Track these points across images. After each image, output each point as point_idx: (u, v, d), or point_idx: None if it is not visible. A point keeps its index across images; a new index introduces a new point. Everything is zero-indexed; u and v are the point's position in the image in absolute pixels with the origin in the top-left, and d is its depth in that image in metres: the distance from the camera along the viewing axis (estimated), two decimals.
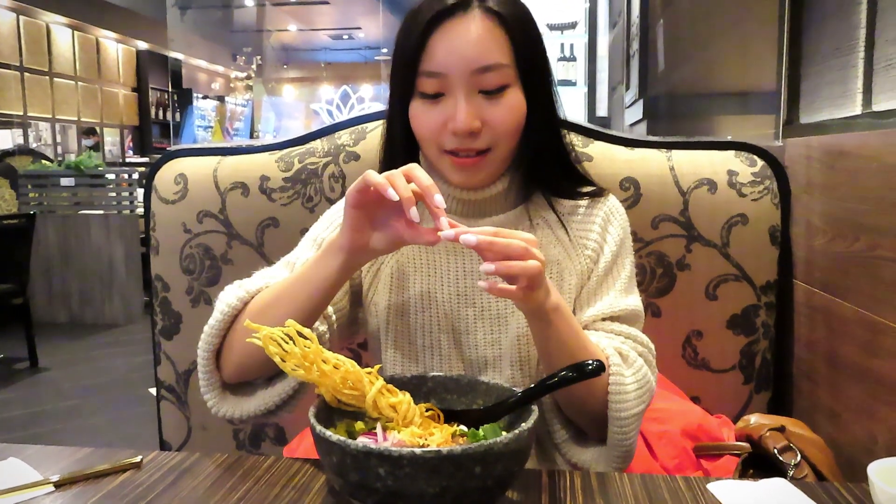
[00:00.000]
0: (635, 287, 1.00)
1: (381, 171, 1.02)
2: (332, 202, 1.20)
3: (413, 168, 0.79)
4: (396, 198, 0.75)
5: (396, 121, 0.95)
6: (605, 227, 0.99)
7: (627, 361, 0.89)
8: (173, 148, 1.32)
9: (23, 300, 4.09)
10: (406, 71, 0.90)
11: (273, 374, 0.89)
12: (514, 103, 0.90)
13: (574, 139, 1.18)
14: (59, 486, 0.71)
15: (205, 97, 12.31)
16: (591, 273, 0.97)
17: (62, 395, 3.72)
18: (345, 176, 1.21)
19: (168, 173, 1.27)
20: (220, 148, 1.30)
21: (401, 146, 0.96)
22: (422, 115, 0.91)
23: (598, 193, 1.01)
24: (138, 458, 0.76)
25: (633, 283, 0.99)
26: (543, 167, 0.98)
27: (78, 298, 5.20)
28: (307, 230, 1.21)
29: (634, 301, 0.97)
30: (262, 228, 1.23)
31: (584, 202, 1.00)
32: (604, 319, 0.95)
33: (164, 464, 0.77)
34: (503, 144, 0.91)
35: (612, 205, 1.01)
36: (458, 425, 0.71)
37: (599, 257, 0.98)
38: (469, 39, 0.86)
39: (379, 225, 0.83)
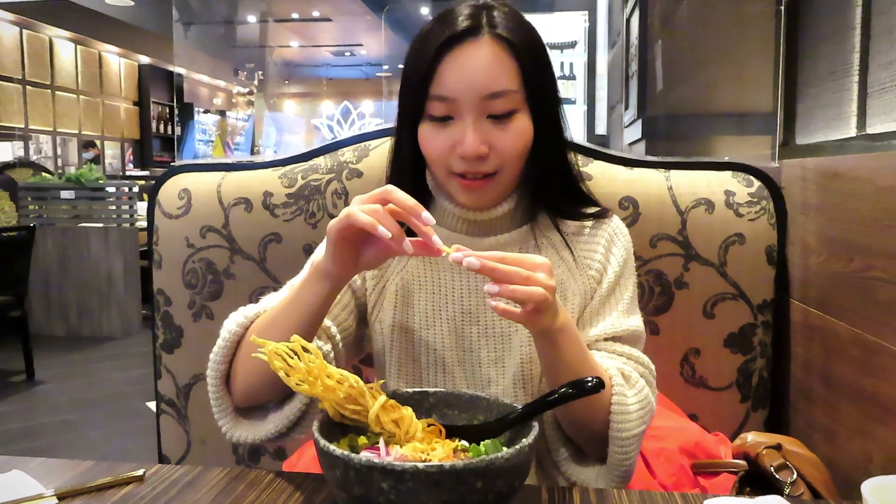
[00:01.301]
0: (637, 308, 1.01)
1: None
2: (334, 218, 1.21)
3: (391, 192, 0.79)
4: (389, 235, 0.76)
5: (405, 141, 0.96)
6: (609, 248, 1.00)
7: (630, 382, 0.90)
8: (178, 163, 1.33)
9: (21, 312, 4.09)
10: (415, 94, 0.91)
11: (284, 395, 0.89)
12: (521, 128, 0.91)
13: (574, 158, 1.19)
14: (61, 498, 0.72)
15: (206, 111, 12.35)
16: (595, 293, 0.98)
17: (59, 409, 3.71)
18: (347, 192, 1.22)
19: (172, 188, 1.28)
20: (224, 164, 1.31)
21: (409, 165, 0.97)
22: (431, 138, 0.92)
23: (603, 214, 1.02)
24: (141, 472, 0.77)
25: (635, 303, 1.00)
26: (549, 188, 0.99)
27: (76, 311, 5.20)
28: (310, 246, 1.23)
29: (636, 322, 0.98)
30: (265, 244, 1.24)
31: (588, 223, 1.02)
32: (606, 339, 0.96)
33: (167, 477, 0.78)
34: (510, 168, 0.92)
35: (616, 226, 1.02)
36: (459, 440, 0.72)
37: (603, 277, 0.99)
38: (478, 66, 0.88)
39: (365, 245, 0.83)
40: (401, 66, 0.96)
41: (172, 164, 1.29)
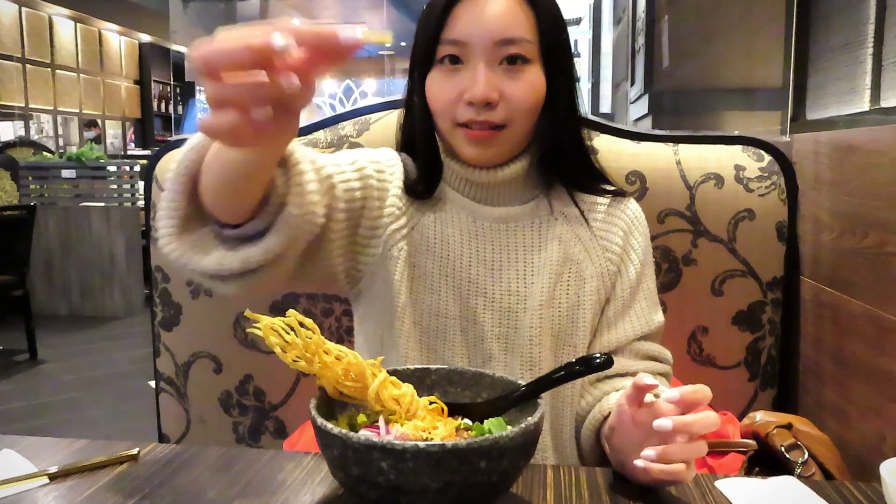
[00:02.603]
0: (657, 296, 1.00)
1: (400, 150, 0.98)
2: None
3: (277, 36, 0.50)
4: (283, 42, 0.49)
5: (416, 102, 0.93)
6: (629, 236, 0.97)
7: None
8: (175, 138, 1.30)
9: (23, 292, 4.08)
10: (427, 40, 0.89)
11: (254, 232, 0.75)
12: (534, 81, 0.88)
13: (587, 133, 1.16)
14: (54, 478, 0.70)
15: None
16: (616, 283, 0.96)
17: (61, 388, 3.71)
18: None
19: (169, 163, 1.25)
20: None
21: (420, 124, 0.94)
22: (437, 86, 0.89)
23: (621, 194, 0.99)
24: (135, 451, 0.75)
25: (656, 293, 0.99)
26: (563, 156, 0.95)
27: (78, 291, 5.19)
28: None
29: (660, 315, 0.97)
30: None
31: (604, 200, 0.98)
32: (636, 340, 0.95)
33: (162, 456, 0.76)
34: (519, 122, 0.89)
35: (635, 210, 0.99)
36: (462, 419, 0.70)
37: (623, 268, 0.96)
38: (494, 10, 0.86)
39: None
40: (403, 43, 0.94)
41: (170, 139, 1.26)
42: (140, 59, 10.92)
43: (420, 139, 0.95)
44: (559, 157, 0.95)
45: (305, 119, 1.29)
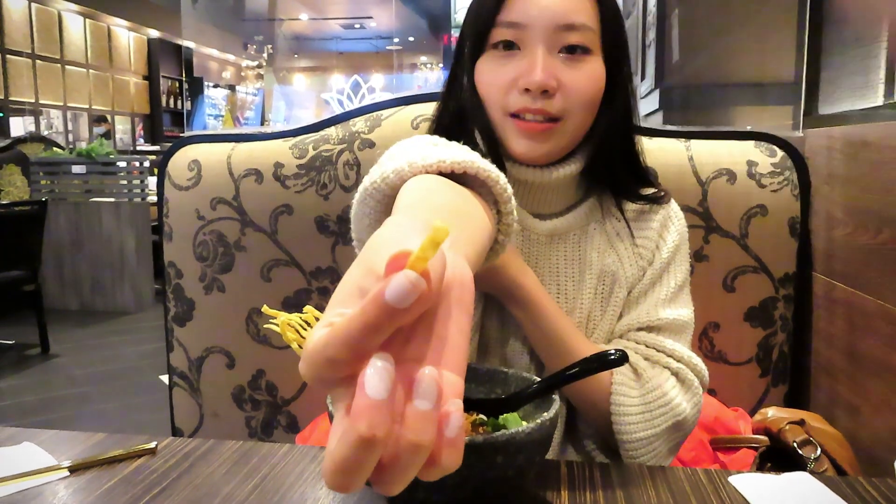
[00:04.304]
0: (686, 299, 0.91)
1: (432, 130, 0.89)
2: (346, 189, 1.19)
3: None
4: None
5: (465, 85, 0.86)
6: (662, 231, 0.91)
7: (641, 378, 0.82)
8: (187, 134, 1.31)
9: (35, 286, 4.11)
10: (482, 22, 0.82)
11: None
12: (594, 72, 0.82)
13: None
14: (73, 470, 0.70)
15: (216, 86, 12.32)
16: (638, 282, 0.90)
17: (73, 382, 3.74)
18: (360, 163, 1.20)
19: (182, 159, 1.26)
20: (234, 134, 1.29)
21: (475, 114, 0.85)
22: (490, 70, 0.82)
23: (662, 199, 0.92)
24: (153, 444, 0.76)
25: (684, 294, 0.91)
26: (615, 160, 0.88)
27: (89, 286, 5.23)
28: (321, 218, 1.20)
29: (679, 312, 0.88)
30: (276, 216, 1.22)
31: (646, 207, 0.92)
32: (639, 330, 0.88)
33: (179, 450, 0.76)
34: (576, 116, 0.82)
35: (672, 208, 0.94)
36: (476, 414, 0.71)
37: (648, 267, 0.91)
38: None
39: None
40: (411, 38, 0.91)
41: (182, 135, 1.27)
42: (149, 54, 10.96)
43: (480, 131, 0.86)
44: (611, 161, 0.88)
45: (315, 117, 1.29)
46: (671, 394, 0.82)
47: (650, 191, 0.92)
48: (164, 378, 1.27)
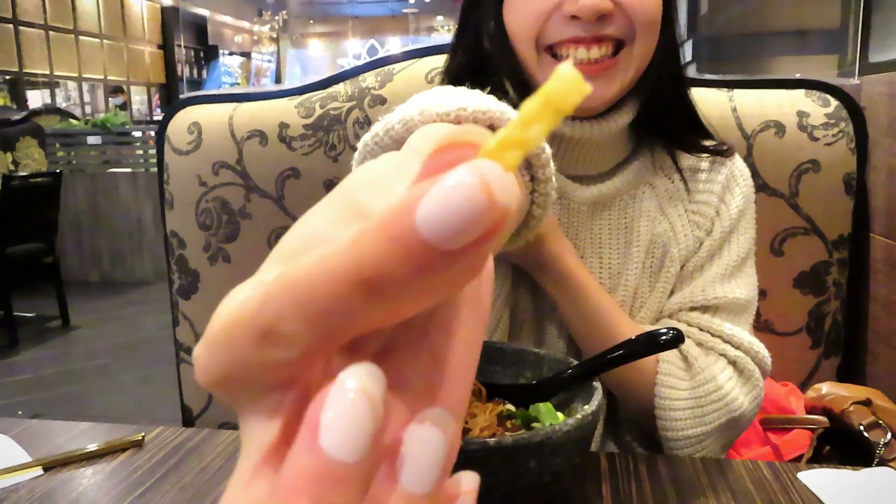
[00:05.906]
0: (749, 272, 0.80)
1: (445, 84, 0.75)
2: (356, 151, 1.10)
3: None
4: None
5: (475, 30, 0.74)
6: (724, 195, 0.79)
7: (691, 369, 0.71)
8: (186, 95, 1.22)
9: (53, 258, 4.09)
10: None
11: None
12: None
13: None
14: (48, 468, 0.63)
15: (230, 53, 12.20)
16: (693, 254, 0.79)
17: (94, 354, 3.73)
18: (370, 122, 1.10)
19: (181, 122, 1.18)
20: (236, 94, 1.20)
21: (501, 55, 0.71)
22: (524, 0, 0.68)
23: (726, 152, 0.79)
24: (140, 436, 0.68)
25: (745, 267, 0.80)
26: (669, 106, 0.76)
27: (108, 257, 5.22)
28: (330, 181, 1.11)
29: (739, 290, 0.76)
30: (283, 180, 1.13)
31: (706, 160, 0.80)
32: (692, 310, 0.76)
33: (168, 442, 0.69)
34: (644, 40, 0.68)
35: (738, 166, 0.81)
36: (503, 403, 0.61)
37: (706, 237, 0.79)
38: None
39: None
40: (427, 0, 0.78)
41: (181, 96, 1.18)
42: (162, 23, 10.84)
43: (509, 77, 0.73)
44: (665, 107, 0.76)
45: (326, 73, 1.20)
46: (726, 387, 0.71)
47: (710, 143, 0.80)
48: None
